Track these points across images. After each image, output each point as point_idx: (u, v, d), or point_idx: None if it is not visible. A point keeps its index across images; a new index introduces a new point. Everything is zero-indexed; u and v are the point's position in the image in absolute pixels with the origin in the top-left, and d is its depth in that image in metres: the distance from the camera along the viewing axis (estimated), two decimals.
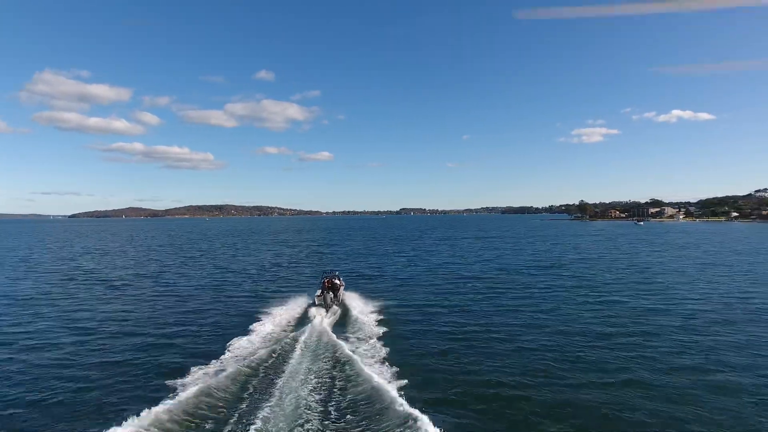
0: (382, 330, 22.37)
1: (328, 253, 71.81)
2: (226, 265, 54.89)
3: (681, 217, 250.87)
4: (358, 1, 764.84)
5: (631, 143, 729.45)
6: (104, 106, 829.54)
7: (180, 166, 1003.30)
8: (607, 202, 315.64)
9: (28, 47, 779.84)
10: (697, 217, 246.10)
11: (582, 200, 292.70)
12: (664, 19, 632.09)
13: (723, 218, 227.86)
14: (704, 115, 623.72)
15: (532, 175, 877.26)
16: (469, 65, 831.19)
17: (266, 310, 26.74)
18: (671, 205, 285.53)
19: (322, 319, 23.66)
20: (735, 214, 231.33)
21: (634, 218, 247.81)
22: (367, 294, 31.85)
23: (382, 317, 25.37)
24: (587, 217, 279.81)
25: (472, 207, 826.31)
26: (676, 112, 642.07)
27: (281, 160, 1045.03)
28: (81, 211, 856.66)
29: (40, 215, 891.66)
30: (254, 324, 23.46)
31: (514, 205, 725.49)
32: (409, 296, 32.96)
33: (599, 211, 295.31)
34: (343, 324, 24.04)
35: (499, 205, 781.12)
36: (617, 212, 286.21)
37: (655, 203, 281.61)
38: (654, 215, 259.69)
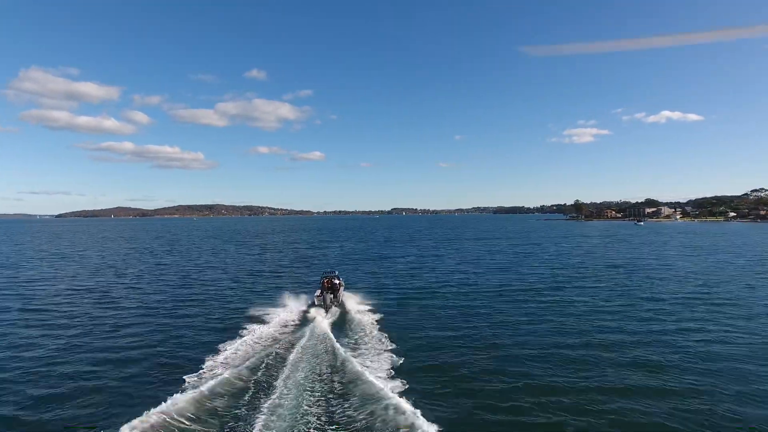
0: (382, 331, 21.96)
1: (323, 255, 67.54)
2: (219, 266, 53.23)
3: (678, 217, 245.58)
4: (351, 0, 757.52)
5: (622, 144, 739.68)
6: (94, 104, 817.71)
7: (170, 166, 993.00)
8: (599, 201, 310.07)
9: (15, 44, 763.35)
10: (694, 217, 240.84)
11: (577, 200, 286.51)
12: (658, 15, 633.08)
13: (721, 218, 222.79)
14: (693, 116, 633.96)
15: (524, 176, 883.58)
16: (461, 65, 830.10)
17: (265, 311, 26.35)
18: (666, 204, 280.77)
19: (322, 320, 23.36)
20: (732, 214, 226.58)
21: (633, 218, 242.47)
22: (367, 295, 31.22)
23: (382, 318, 24.91)
24: (582, 217, 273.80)
25: (464, 207, 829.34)
26: (665, 113, 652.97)
27: (273, 160, 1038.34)
28: (69, 211, 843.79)
29: (28, 215, 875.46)
30: (252, 325, 23.23)
31: (505, 205, 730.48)
32: (411, 299, 31.50)
33: (594, 211, 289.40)
34: (342, 325, 23.65)
35: (490, 205, 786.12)
36: (613, 212, 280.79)
37: (651, 203, 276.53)
38: (650, 215, 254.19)
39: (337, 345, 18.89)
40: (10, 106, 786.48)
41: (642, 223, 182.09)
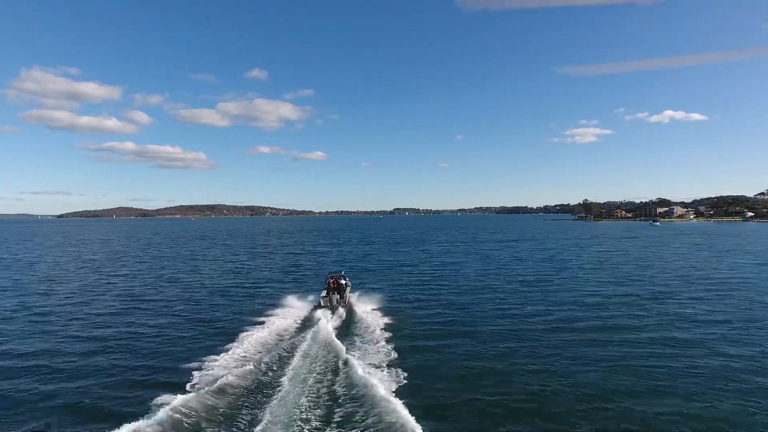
0: (389, 335, 21.39)
1: (328, 255, 64.23)
2: (223, 267, 52.50)
3: (692, 216, 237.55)
4: None
5: (625, 143, 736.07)
6: (95, 104, 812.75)
7: (172, 166, 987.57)
8: (602, 201, 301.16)
9: (16, 44, 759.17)
10: (708, 217, 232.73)
11: (586, 199, 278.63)
12: (656, 16, 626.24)
13: (737, 218, 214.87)
14: (696, 116, 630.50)
15: (526, 176, 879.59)
16: (462, 65, 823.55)
17: (270, 312, 26.11)
18: (679, 204, 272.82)
19: (327, 322, 22.76)
20: (750, 213, 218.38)
21: (644, 218, 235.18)
22: (375, 296, 30.44)
23: (390, 322, 24.18)
24: (591, 217, 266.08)
25: (466, 207, 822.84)
26: (668, 113, 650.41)
27: (274, 160, 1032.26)
28: (70, 211, 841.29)
29: (29, 215, 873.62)
30: (256, 327, 22.91)
31: (507, 205, 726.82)
32: (424, 304, 29.92)
33: (604, 211, 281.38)
34: (348, 328, 23.16)
35: (492, 205, 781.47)
36: (623, 212, 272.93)
37: (663, 202, 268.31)
38: (662, 215, 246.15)
39: (342, 349, 18.31)
40: (11, 106, 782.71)
41: (658, 224, 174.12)
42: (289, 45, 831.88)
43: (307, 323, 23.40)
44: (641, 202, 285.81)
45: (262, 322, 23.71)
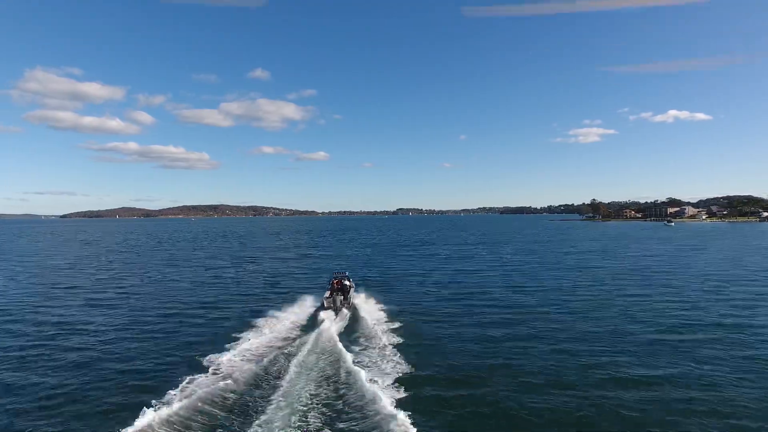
0: (393, 339, 20.66)
1: (331, 256, 61.89)
2: (226, 266, 51.99)
3: (704, 217, 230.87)
4: None
5: (629, 143, 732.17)
6: (98, 105, 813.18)
7: (175, 166, 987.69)
8: (607, 201, 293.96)
9: (19, 44, 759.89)
10: (721, 218, 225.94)
11: (594, 199, 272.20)
12: (660, 17, 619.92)
13: (753, 219, 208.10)
14: (701, 115, 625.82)
15: (529, 176, 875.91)
16: (465, 65, 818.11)
17: (271, 313, 25.49)
18: (689, 204, 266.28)
19: (331, 325, 22.26)
20: (766, 213, 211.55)
21: (658, 219, 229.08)
22: (380, 297, 29.83)
23: (395, 324, 23.21)
24: (600, 217, 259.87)
25: (469, 207, 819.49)
26: (672, 112, 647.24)
27: (277, 160, 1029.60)
28: (74, 211, 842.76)
29: (33, 215, 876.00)
30: (257, 329, 22.46)
31: (511, 206, 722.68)
32: (433, 306, 28.90)
33: (613, 211, 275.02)
34: (352, 330, 22.46)
35: (496, 206, 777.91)
36: (632, 212, 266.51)
37: (674, 202, 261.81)
38: (673, 215, 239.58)
39: (345, 352, 17.86)
40: (15, 106, 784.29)
41: (673, 224, 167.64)
42: (291, 45, 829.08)
43: (310, 325, 22.85)
44: (650, 201, 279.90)
45: (264, 324, 23.15)
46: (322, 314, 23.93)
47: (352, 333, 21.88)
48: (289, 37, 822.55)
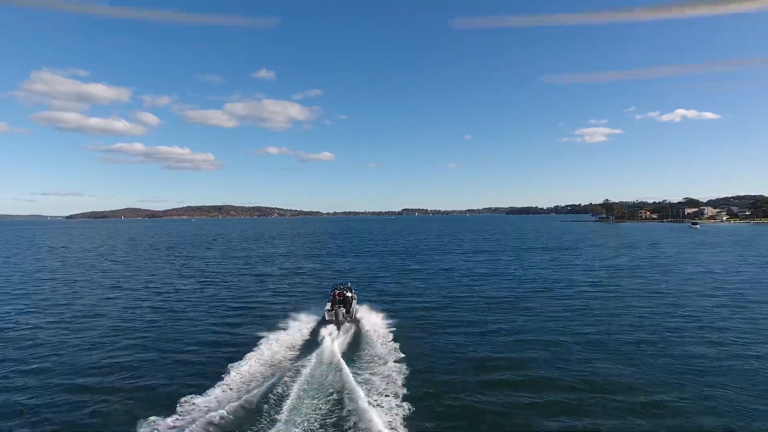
0: (400, 357, 19.15)
1: (333, 264, 55.99)
2: (217, 273, 49.17)
3: (725, 218, 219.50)
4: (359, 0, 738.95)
5: (636, 143, 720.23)
6: (104, 106, 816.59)
7: (181, 167, 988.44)
8: (616, 201, 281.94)
9: (25, 46, 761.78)
10: (743, 219, 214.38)
11: (607, 199, 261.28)
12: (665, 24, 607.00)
13: None
14: (709, 115, 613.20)
15: (534, 176, 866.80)
16: (470, 65, 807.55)
17: (268, 329, 23.93)
18: (708, 204, 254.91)
19: (332, 342, 20.80)
20: None
21: (675, 220, 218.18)
22: (384, 308, 28.23)
23: (401, 342, 21.51)
24: (613, 218, 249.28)
25: (474, 207, 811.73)
26: (680, 112, 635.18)
27: (282, 161, 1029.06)
28: (79, 212, 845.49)
29: (40, 216, 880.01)
30: (252, 348, 20.51)
31: (517, 206, 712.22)
32: (440, 320, 26.94)
33: (627, 212, 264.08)
34: (355, 347, 21.12)
35: (501, 206, 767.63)
36: (648, 213, 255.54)
37: (692, 202, 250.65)
38: (691, 216, 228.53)
39: (349, 375, 16.68)
40: (21, 108, 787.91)
41: (698, 227, 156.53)
42: (296, 45, 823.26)
43: (309, 343, 21.67)
44: (659, 202, 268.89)
45: (258, 343, 21.33)
46: (324, 330, 22.52)
47: (355, 349, 20.65)
48: (294, 37, 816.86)
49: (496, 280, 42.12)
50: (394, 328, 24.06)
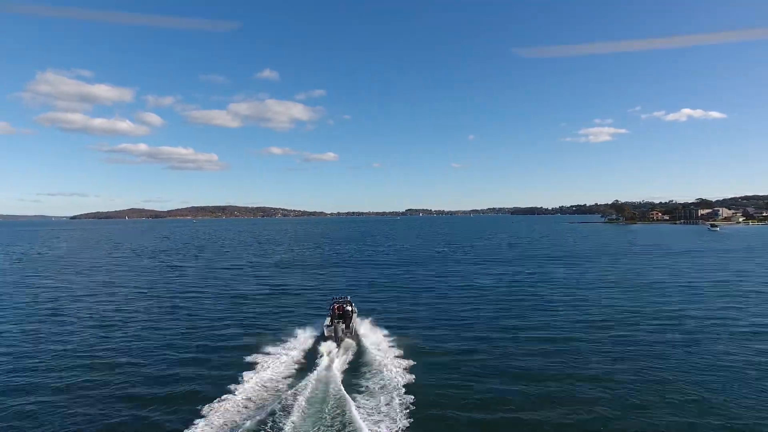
0: (403, 381, 17.86)
1: (332, 275, 51.44)
2: (207, 288, 43.92)
3: (741, 219, 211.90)
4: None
5: (641, 143, 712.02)
6: (107, 106, 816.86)
7: (185, 167, 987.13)
8: (621, 201, 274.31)
9: (30, 47, 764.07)
10: (760, 220, 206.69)
11: (617, 200, 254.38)
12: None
13: None
14: (715, 114, 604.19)
15: (539, 176, 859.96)
16: (474, 65, 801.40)
17: (262, 349, 22.15)
18: (720, 204, 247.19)
19: (332, 363, 19.83)
20: None
21: (688, 221, 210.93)
22: (385, 322, 27.17)
23: (404, 360, 20.29)
24: (623, 219, 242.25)
25: (478, 208, 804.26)
26: (686, 111, 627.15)
27: (286, 161, 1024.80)
28: (84, 213, 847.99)
29: (46, 216, 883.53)
30: (245, 372, 18.98)
31: (521, 206, 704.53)
32: (445, 333, 25.79)
33: (637, 213, 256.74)
34: (356, 367, 20.06)
35: (506, 206, 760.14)
36: (659, 214, 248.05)
37: (705, 203, 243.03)
38: (704, 217, 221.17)
39: (349, 403, 15.61)
40: (27, 109, 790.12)
41: (718, 229, 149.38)
42: (300, 45, 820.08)
43: (307, 364, 20.25)
44: (665, 202, 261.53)
45: (252, 365, 19.80)
46: (323, 347, 21.78)
47: (356, 370, 19.59)
48: (297, 37, 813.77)
49: (521, 299, 36.22)
50: (397, 347, 22.35)
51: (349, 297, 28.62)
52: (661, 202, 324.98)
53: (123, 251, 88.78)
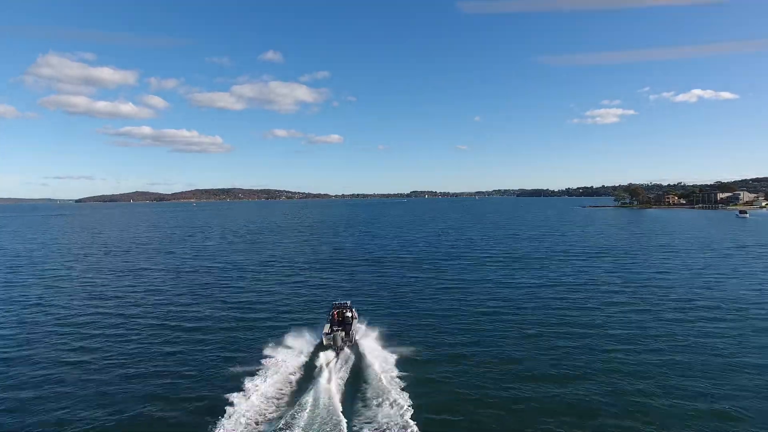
0: (405, 401, 16.56)
1: (331, 278, 46.84)
2: (197, 289, 40.02)
3: (764, 203, 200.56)
4: None
5: (650, 124, 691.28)
6: (111, 89, 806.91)
7: (189, 150, 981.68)
8: (626, 183, 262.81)
9: (32, 29, 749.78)
10: None
11: (631, 183, 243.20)
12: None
13: None
14: (726, 95, 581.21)
15: (545, 158, 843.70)
16: (480, 46, 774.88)
17: (255, 362, 20.68)
18: (740, 186, 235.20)
19: (330, 378, 18.69)
20: None
21: (707, 205, 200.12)
22: (387, 327, 25.94)
23: (408, 371, 19.46)
24: (637, 203, 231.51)
25: (483, 189, 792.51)
26: (696, 92, 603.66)
27: (290, 143, 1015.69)
28: (89, 196, 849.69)
29: (52, 200, 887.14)
30: (236, 391, 17.47)
31: (527, 188, 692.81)
32: (453, 339, 24.81)
33: (653, 196, 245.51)
34: (356, 380, 18.98)
35: (511, 188, 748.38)
36: (675, 198, 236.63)
37: (724, 187, 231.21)
38: (724, 201, 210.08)
39: (346, 423, 14.87)
40: (30, 92, 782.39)
41: (747, 215, 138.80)
42: (304, 26, 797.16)
43: (307, 374, 19.36)
44: (673, 184, 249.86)
45: (243, 384, 18.10)
46: (321, 358, 20.47)
47: (356, 384, 18.31)
48: (301, 18, 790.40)
49: (548, 307, 31.65)
50: (400, 354, 21.60)
51: (349, 302, 27.49)
52: (669, 185, 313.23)
53: (95, 243, 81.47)
